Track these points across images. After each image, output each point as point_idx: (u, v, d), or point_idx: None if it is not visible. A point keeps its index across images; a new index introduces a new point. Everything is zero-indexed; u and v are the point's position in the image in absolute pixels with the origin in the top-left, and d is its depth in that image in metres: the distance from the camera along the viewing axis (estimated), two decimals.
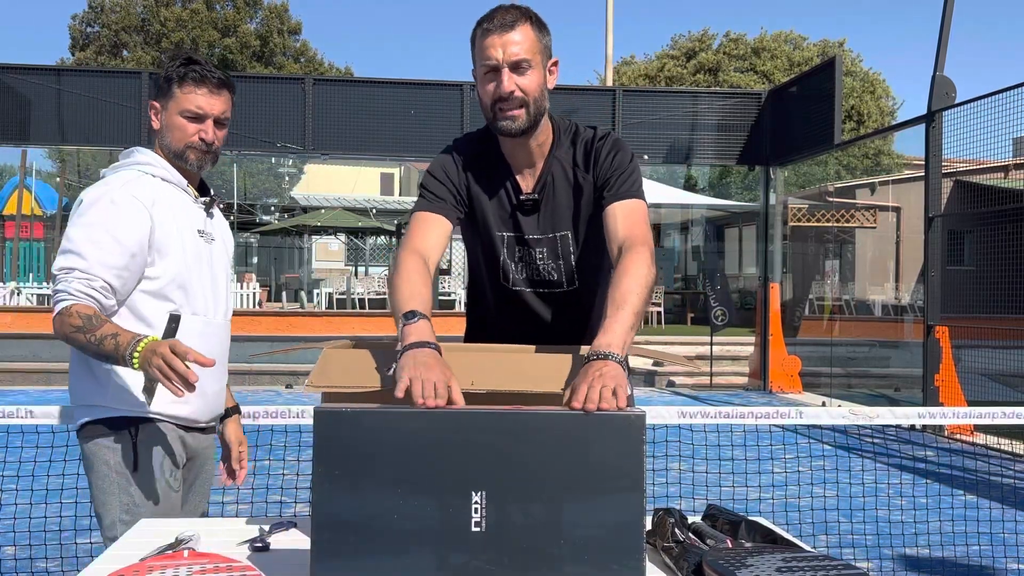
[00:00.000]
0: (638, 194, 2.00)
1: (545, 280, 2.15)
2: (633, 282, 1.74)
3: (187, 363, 1.77)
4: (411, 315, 1.66)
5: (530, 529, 1.32)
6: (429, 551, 1.30)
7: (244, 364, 11.62)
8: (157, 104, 2.21)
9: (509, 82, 1.92)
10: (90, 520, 4.77)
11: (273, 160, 30.13)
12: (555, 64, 2.03)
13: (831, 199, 21.39)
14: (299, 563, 1.58)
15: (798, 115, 11.41)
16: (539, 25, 1.97)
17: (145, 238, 2.08)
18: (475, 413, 1.36)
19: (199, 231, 2.23)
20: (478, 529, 1.31)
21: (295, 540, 1.77)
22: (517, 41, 1.91)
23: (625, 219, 1.94)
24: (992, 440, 7.78)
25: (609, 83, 17.92)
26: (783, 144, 11.72)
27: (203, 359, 1.77)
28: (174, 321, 2.10)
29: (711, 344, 12.64)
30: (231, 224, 26.34)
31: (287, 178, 32.46)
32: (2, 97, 11.17)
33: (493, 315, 2.26)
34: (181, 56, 2.22)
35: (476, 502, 1.30)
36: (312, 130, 11.38)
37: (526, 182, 2.09)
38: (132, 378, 2.09)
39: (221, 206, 2.40)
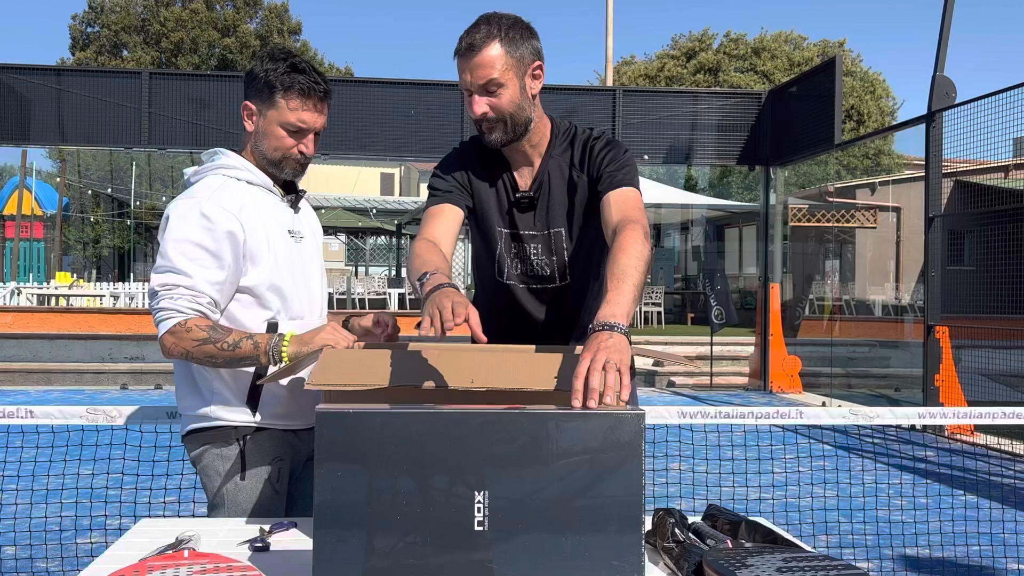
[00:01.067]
0: (632, 183, 2.04)
1: (538, 275, 2.20)
2: (631, 257, 1.77)
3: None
4: (423, 276, 1.73)
5: (532, 528, 1.32)
6: (432, 551, 1.30)
7: None
8: (253, 106, 2.14)
9: (479, 105, 1.99)
10: (90, 520, 4.79)
11: None
12: (539, 67, 2.05)
13: (831, 199, 21.40)
14: (299, 563, 1.58)
15: (798, 115, 11.41)
16: (511, 37, 1.98)
17: (239, 249, 2.05)
18: (477, 413, 1.36)
19: (289, 231, 2.19)
20: (481, 529, 1.31)
21: (295, 540, 1.77)
22: (483, 64, 1.95)
23: (619, 204, 1.99)
24: (992, 440, 7.78)
25: (609, 83, 17.92)
26: (783, 144, 11.72)
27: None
28: (272, 329, 2.09)
29: (711, 344, 12.64)
30: None
31: None
32: (2, 97, 11.17)
33: (491, 308, 2.29)
34: (283, 58, 2.10)
35: (479, 502, 1.31)
36: None
37: (523, 180, 2.16)
38: (239, 391, 2.11)
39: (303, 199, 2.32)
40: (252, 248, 2.08)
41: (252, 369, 2.09)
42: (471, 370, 1.63)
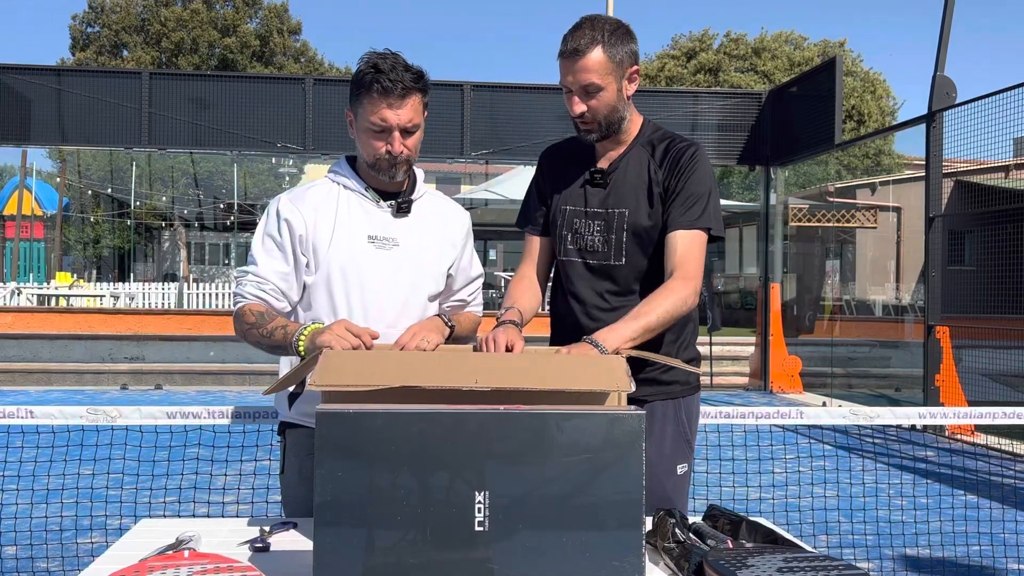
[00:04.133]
0: (701, 222, 2.15)
1: (595, 250, 2.25)
2: (661, 305, 2.01)
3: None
4: (502, 311, 2.14)
5: (532, 528, 1.32)
6: (433, 551, 1.30)
7: (244, 364, 11.63)
8: (350, 114, 2.16)
9: (578, 106, 2.13)
10: (91, 520, 4.79)
11: (273, 160, 30.14)
12: (636, 72, 2.18)
13: (831, 199, 21.38)
14: (300, 563, 1.58)
15: (799, 115, 11.40)
16: (614, 41, 2.10)
17: (297, 245, 2.15)
18: (477, 413, 1.36)
19: (371, 236, 2.17)
20: (481, 529, 1.31)
21: (295, 541, 1.77)
22: (585, 68, 2.08)
23: (683, 248, 2.12)
24: (993, 440, 7.77)
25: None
26: (783, 144, 11.71)
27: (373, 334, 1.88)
28: None
29: (711, 344, 12.63)
30: (231, 224, 25.90)
31: (287, 178, 32.48)
32: (2, 97, 11.16)
33: (556, 287, 2.38)
34: (372, 59, 2.09)
35: (479, 502, 1.30)
36: (312, 130, 11.37)
37: (603, 163, 2.27)
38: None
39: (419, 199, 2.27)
40: (314, 247, 2.15)
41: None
42: (473, 370, 1.63)
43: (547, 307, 2.46)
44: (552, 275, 2.43)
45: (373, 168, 2.16)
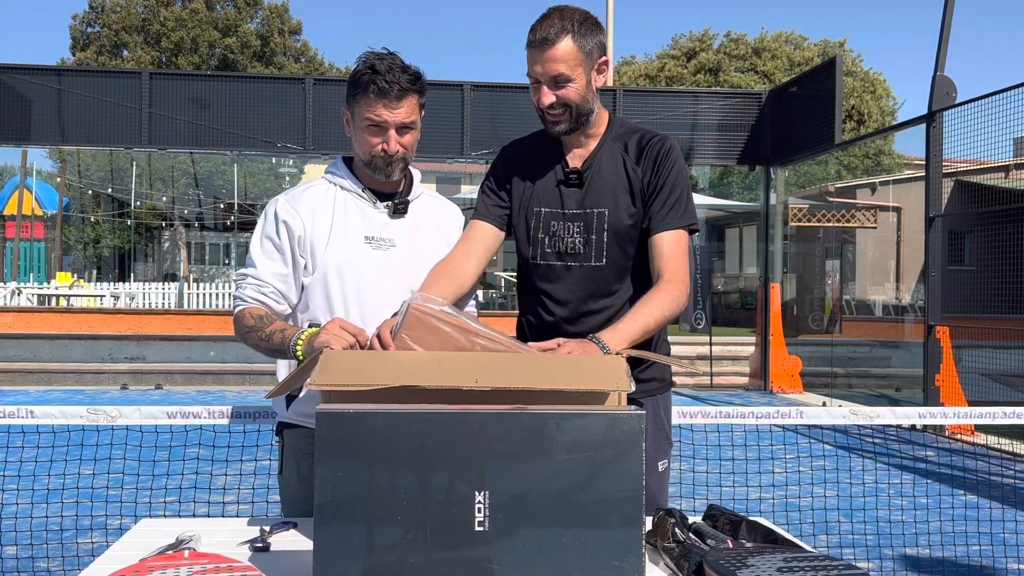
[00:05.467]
0: (684, 221, 2.16)
1: (575, 252, 2.21)
2: (660, 308, 2.01)
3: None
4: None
5: (532, 528, 1.32)
6: (433, 551, 1.30)
7: (244, 364, 11.63)
8: (347, 113, 2.18)
9: (547, 96, 2.09)
10: (91, 520, 4.79)
11: (273, 160, 30.13)
12: (604, 63, 2.15)
13: (832, 199, 21.38)
14: (300, 563, 1.58)
15: (799, 115, 11.41)
16: (583, 31, 2.07)
17: (296, 247, 2.15)
18: (477, 413, 1.36)
19: (368, 237, 2.17)
20: (481, 529, 1.31)
21: (295, 540, 1.77)
22: (555, 58, 2.05)
23: (670, 250, 2.12)
24: (993, 440, 7.77)
25: (609, 83, 17.92)
26: (784, 144, 11.71)
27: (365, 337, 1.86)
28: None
29: (711, 344, 12.63)
30: (231, 224, 25.88)
31: (287, 178, 32.46)
32: (2, 97, 11.16)
33: (529, 292, 2.32)
34: (369, 59, 2.10)
35: (479, 502, 1.30)
36: (312, 130, 11.37)
37: (575, 161, 2.23)
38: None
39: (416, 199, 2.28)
40: (312, 249, 2.14)
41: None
42: (473, 370, 1.63)
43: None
44: (517, 276, 2.38)
45: (369, 166, 2.16)
